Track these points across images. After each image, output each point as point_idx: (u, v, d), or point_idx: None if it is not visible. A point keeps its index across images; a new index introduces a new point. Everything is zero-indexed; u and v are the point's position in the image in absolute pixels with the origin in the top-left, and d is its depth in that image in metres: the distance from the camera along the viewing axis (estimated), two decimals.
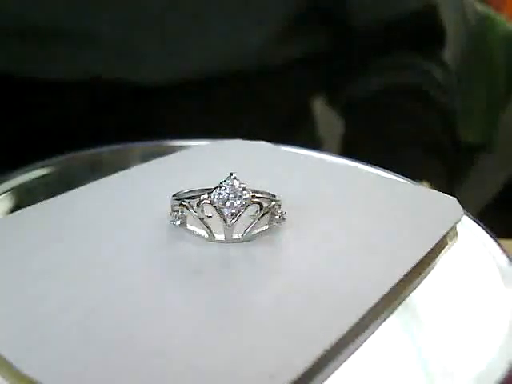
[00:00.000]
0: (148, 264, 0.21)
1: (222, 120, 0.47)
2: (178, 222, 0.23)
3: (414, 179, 0.29)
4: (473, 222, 0.25)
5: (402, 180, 0.29)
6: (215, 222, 0.22)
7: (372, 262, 0.21)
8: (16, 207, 0.27)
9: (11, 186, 0.27)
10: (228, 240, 0.22)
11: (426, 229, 0.23)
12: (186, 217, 0.22)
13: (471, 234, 0.24)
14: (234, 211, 0.22)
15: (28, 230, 0.23)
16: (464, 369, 0.18)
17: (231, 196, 0.22)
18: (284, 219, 0.23)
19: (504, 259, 0.22)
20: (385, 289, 0.20)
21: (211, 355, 0.17)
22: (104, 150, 0.31)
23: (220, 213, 0.22)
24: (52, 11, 0.45)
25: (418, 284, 0.21)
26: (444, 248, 0.24)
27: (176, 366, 0.16)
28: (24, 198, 0.27)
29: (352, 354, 0.18)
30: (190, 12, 0.47)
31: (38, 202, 0.25)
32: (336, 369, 0.17)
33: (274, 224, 0.23)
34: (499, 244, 0.23)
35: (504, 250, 0.23)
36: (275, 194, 0.23)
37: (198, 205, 0.22)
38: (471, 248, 0.24)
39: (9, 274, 0.20)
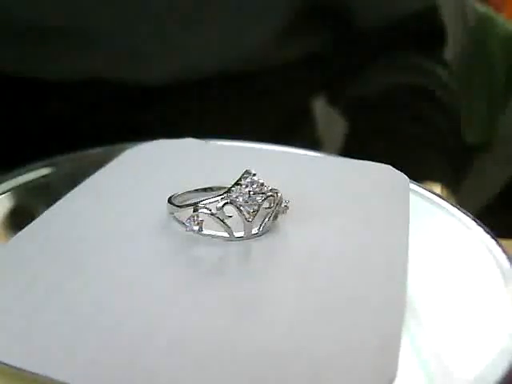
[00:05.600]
0: (177, 271, 0.21)
1: (222, 120, 0.47)
2: (196, 228, 0.22)
3: (421, 179, 0.29)
4: (473, 221, 0.25)
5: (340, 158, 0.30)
6: (232, 220, 0.22)
7: (380, 237, 0.23)
8: (16, 207, 0.27)
9: (11, 186, 0.27)
10: (248, 236, 0.22)
11: (396, 200, 0.26)
12: (202, 221, 0.22)
13: (471, 234, 0.24)
14: (255, 207, 0.22)
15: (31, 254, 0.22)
16: (464, 369, 0.18)
17: (252, 193, 0.22)
18: (287, 208, 0.24)
19: (504, 259, 0.22)
20: (406, 256, 0.21)
21: (322, 345, 0.17)
22: (104, 150, 0.31)
23: (240, 211, 0.22)
24: (52, 11, 0.45)
25: None
26: None
27: (294, 362, 0.17)
28: (24, 198, 0.27)
29: None
30: (189, 12, 0.47)
31: (37, 202, 0.25)
32: None
33: (281, 214, 0.23)
34: (499, 244, 0.23)
35: (504, 250, 0.23)
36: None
37: (217, 207, 0.22)
38: (471, 248, 0.24)
39: (17, 289, 0.20)
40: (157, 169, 0.29)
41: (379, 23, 0.52)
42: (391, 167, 0.28)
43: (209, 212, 0.22)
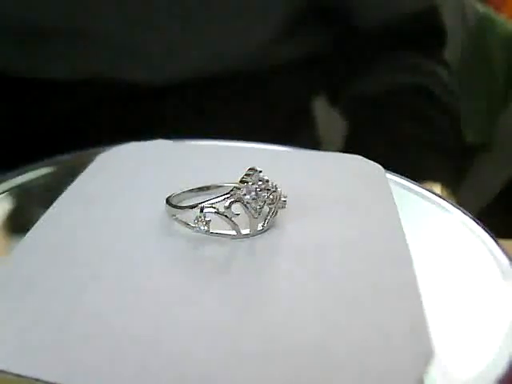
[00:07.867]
0: (194, 271, 0.21)
1: (222, 120, 0.47)
2: (204, 228, 0.22)
3: (421, 179, 0.29)
4: (473, 221, 0.25)
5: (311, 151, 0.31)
6: (236, 218, 0.22)
7: (375, 224, 0.23)
8: (16, 207, 0.27)
9: (11, 186, 0.27)
10: (254, 233, 0.23)
11: (379, 189, 0.26)
12: (209, 221, 0.22)
13: (471, 234, 0.24)
14: (261, 204, 0.22)
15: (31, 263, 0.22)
16: (464, 369, 0.18)
17: (258, 190, 0.22)
18: (285, 202, 0.24)
19: (504, 259, 0.22)
20: (405, 241, 0.22)
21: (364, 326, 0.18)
22: (104, 150, 0.31)
23: (247, 208, 0.22)
24: (52, 11, 0.45)
25: None
26: None
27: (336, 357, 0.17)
28: (24, 198, 0.27)
29: None
30: (190, 12, 0.47)
31: (37, 202, 0.25)
32: None
33: (280, 209, 0.24)
34: (499, 244, 0.23)
35: (504, 250, 0.23)
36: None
37: (225, 206, 0.22)
38: (471, 248, 0.24)
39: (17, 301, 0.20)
40: (141, 171, 0.28)
41: (379, 23, 0.52)
42: (364, 158, 0.29)
43: (216, 211, 0.22)
